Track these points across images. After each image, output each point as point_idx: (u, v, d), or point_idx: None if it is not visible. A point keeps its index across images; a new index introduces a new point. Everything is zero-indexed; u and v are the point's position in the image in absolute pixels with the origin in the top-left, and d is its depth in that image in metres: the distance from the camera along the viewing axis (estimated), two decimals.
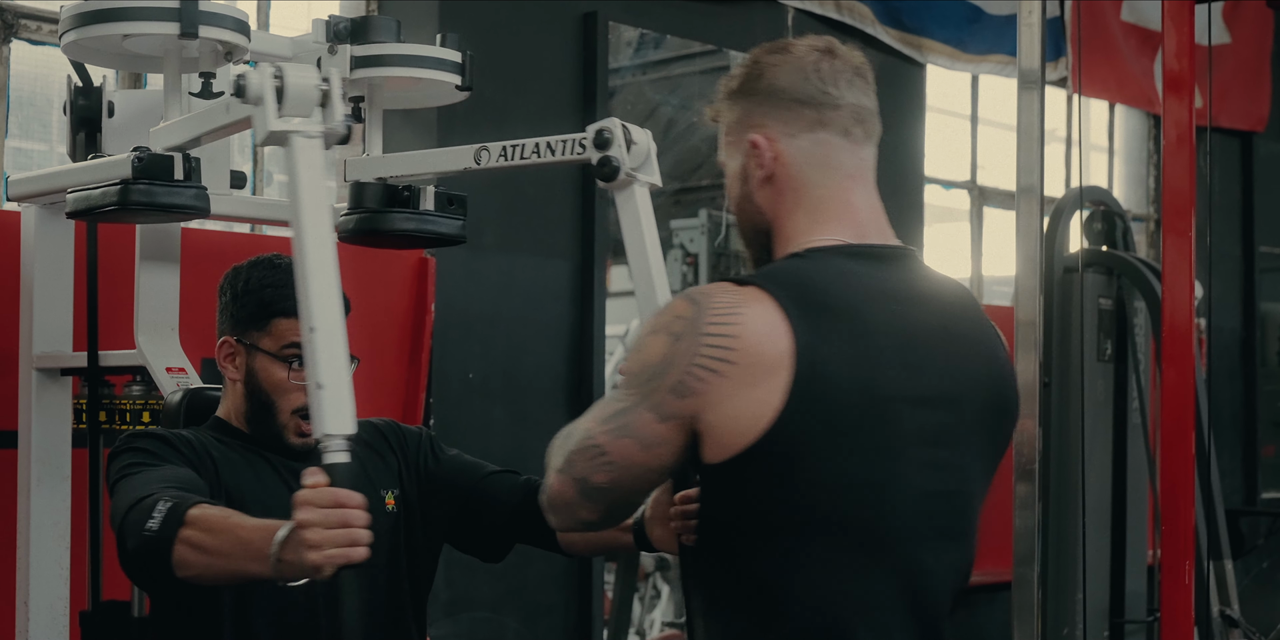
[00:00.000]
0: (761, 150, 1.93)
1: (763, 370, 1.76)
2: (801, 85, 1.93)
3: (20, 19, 4.02)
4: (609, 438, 1.82)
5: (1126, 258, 5.20)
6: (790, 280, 1.82)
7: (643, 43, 5.78)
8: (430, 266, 4.24)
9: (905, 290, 1.90)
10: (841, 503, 1.80)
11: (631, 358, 1.85)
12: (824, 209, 1.93)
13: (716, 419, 1.78)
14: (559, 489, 1.87)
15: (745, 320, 1.77)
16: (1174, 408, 3.43)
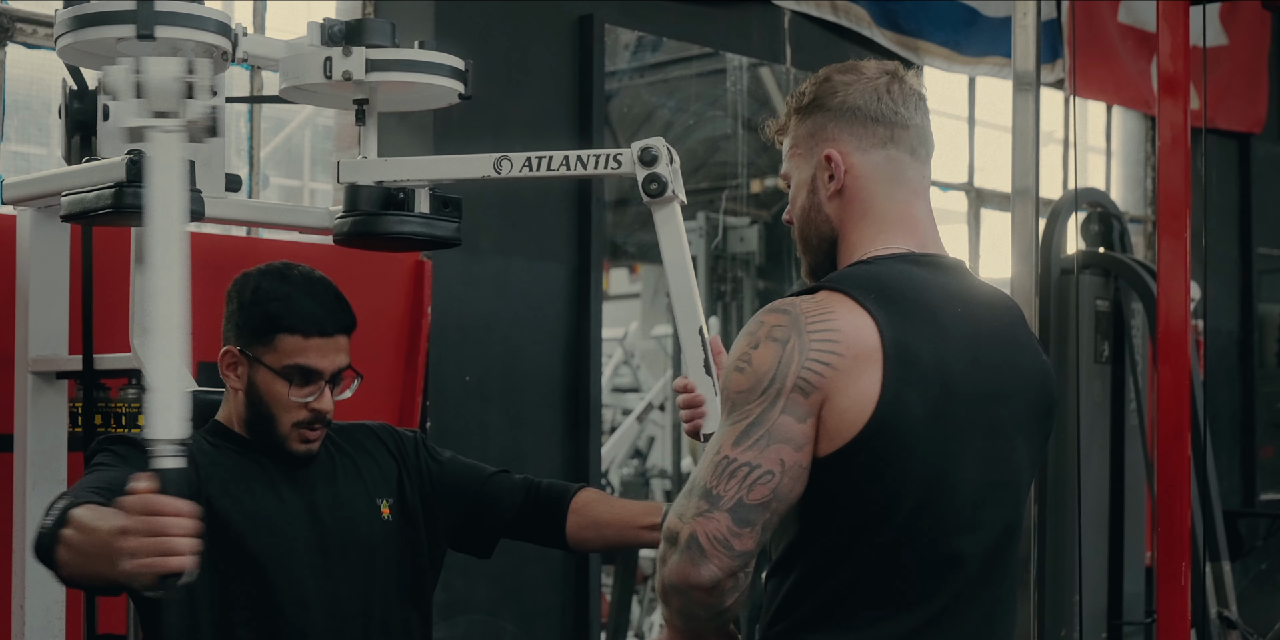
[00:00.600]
0: (836, 163, 2.05)
1: (864, 362, 1.88)
2: (875, 104, 2.06)
3: (16, 22, 4.02)
4: (756, 452, 1.87)
5: (1123, 259, 5.20)
6: (864, 283, 1.94)
7: (640, 45, 5.78)
8: (427, 269, 4.23)
9: (966, 295, 2.03)
10: (926, 488, 1.92)
11: (735, 377, 1.91)
12: (889, 221, 2.05)
13: (829, 413, 1.88)
14: (710, 530, 1.86)
15: (839, 315, 1.89)
16: (1170, 409, 3.43)
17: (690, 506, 1.88)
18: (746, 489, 1.86)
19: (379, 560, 2.51)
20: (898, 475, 1.90)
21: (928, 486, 1.92)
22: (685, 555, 1.86)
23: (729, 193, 6.33)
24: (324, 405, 2.46)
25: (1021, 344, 2.08)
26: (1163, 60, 3.50)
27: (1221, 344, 8.10)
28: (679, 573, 1.87)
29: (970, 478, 1.95)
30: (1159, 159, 3.52)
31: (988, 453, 1.97)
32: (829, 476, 1.91)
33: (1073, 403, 4.89)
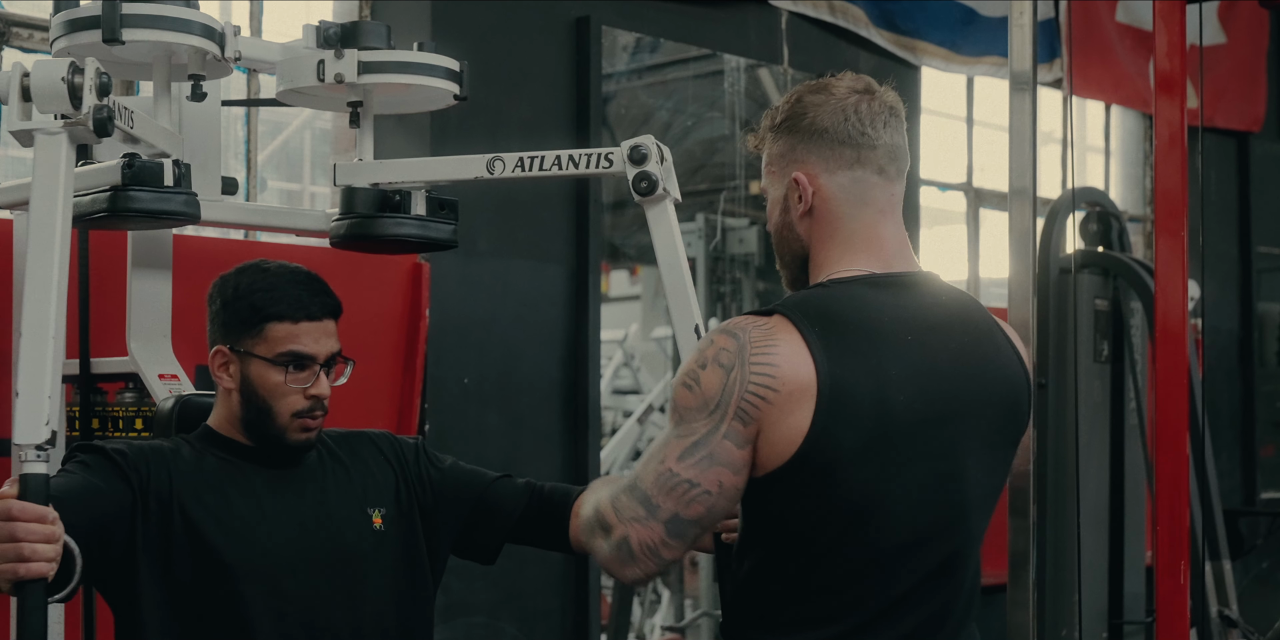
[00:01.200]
0: (804, 186, 2.12)
1: (796, 397, 1.95)
2: (842, 126, 2.11)
3: (12, 26, 4.02)
4: (698, 471, 1.96)
5: (1121, 258, 5.19)
6: (813, 311, 2.00)
7: (639, 47, 5.78)
8: (424, 271, 4.23)
9: (923, 317, 2.08)
10: (855, 513, 1.99)
11: (684, 394, 1.99)
12: (855, 241, 2.11)
13: (763, 442, 1.97)
14: (644, 537, 1.98)
15: (779, 351, 1.96)
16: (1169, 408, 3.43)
17: (628, 508, 1.99)
18: (684, 505, 1.97)
19: (370, 570, 2.49)
20: (822, 503, 1.97)
21: (855, 513, 1.99)
22: (615, 553, 2.01)
23: (727, 194, 6.33)
24: (321, 390, 2.45)
25: (985, 358, 2.12)
26: (1159, 59, 3.49)
27: (1221, 343, 8.09)
28: (606, 564, 2.05)
29: (910, 501, 2.01)
30: (1156, 158, 3.51)
31: (938, 474, 2.03)
32: (761, 496, 2.00)
33: (1072, 402, 4.89)
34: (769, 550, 2.04)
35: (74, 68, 2.13)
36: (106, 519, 2.30)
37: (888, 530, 2.01)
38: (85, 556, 2.23)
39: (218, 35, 2.65)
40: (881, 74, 6.83)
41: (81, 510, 2.23)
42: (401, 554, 2.54)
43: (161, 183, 2.51)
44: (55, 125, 2.08)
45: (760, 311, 2.03)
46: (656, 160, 2.70)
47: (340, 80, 2.70)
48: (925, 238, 6.50)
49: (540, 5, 5.08)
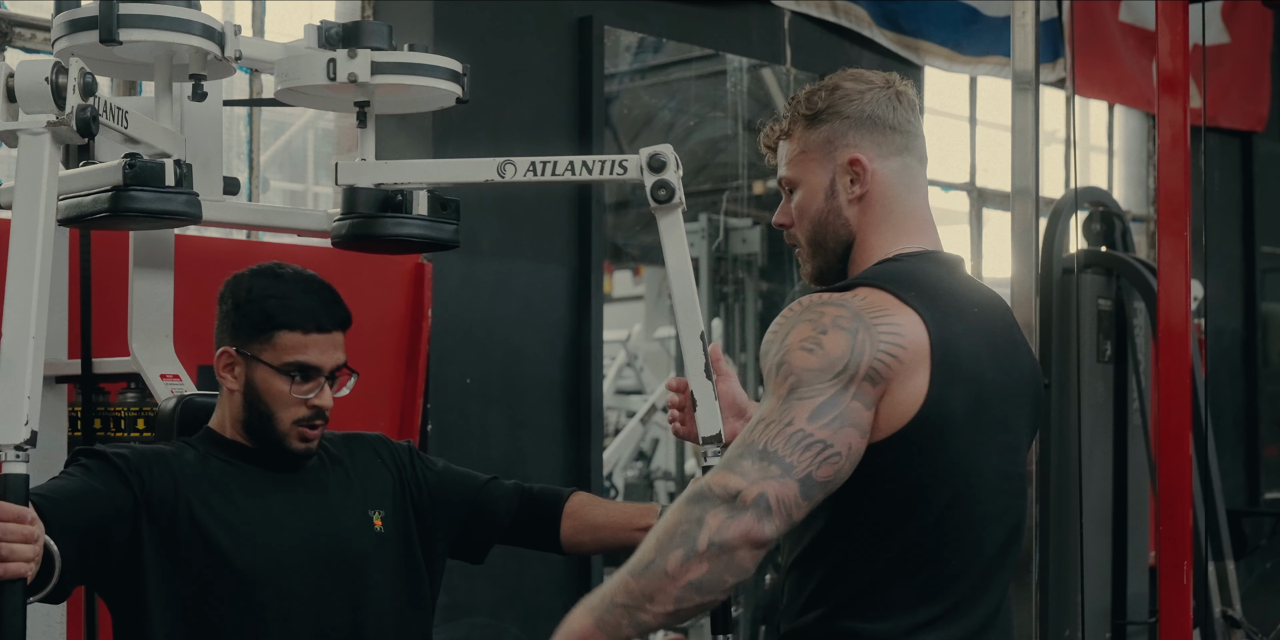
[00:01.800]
0: (864, 168, 2.11)
1: (919, 359, 1.94)
2: (891, 114, 2.14)
3: (14, 27, 4.02)
4: (830, 431, 1.90)
5: (1125, 258, 5.19)
6: (901, 280, 2.01)
7: (642, 47, 5.78)
8: (427, 272, 4.23)
9: (977, 293, 2.13)
10: (962, 479, 2.00)
11: (805, 357, 1.93)
12: (908, 224, 2.14)
13: (885, 404, 1.94)
14: (781, 493, 1.88)
15: (896, 314, 1.96)
16: (1172, 408, 3.43)
17: (756, 470, 1.88)
18: (818, 465, 1.89)
19: (371, 571, 2.50)
20: (934, 468, 1.97)
21: (961, 479, 1.99)
22: (753, 512, 1.86)
23: (730, 194, 6.33)
24: (324, 401, 2.45)
25: (1020, 341, 2.17)
26: (1162, 59, 3.49)
27: (1225, 343, 8.09)
28: (741, 529, 1.85)
29: (994, 469, 2.03)
30: (1159, 158, 3.51)
31: (1004, 445, 2.06)
32: (878, 463, 1.95)
33: (1075, 402, 4.88)
34: (868, 526, 2.00)
35: (58, 68, 2.13)
36: (104, 521, 2.30)
37: (986, 499, 2.02)
38: (81, 558, 2.24)
39: (217, 35, 2.65)
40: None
41: (75, 512, 2.24)
42: (401, 555, 2.55)
43: (163, 183, 2.51)
44: (39, 125, 2.07)
45: (837, 288, 2.02)
46: (674, 168, 2.71)
47: (353, 80, 2.70)
48: None
49: (542, 5, 5.08)
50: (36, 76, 2.08)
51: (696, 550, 1.86)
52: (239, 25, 2.70)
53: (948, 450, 1.97)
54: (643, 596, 1.88)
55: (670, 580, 1.87)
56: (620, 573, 1.92)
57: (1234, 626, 4.66)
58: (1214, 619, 4.57)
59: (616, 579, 1.92)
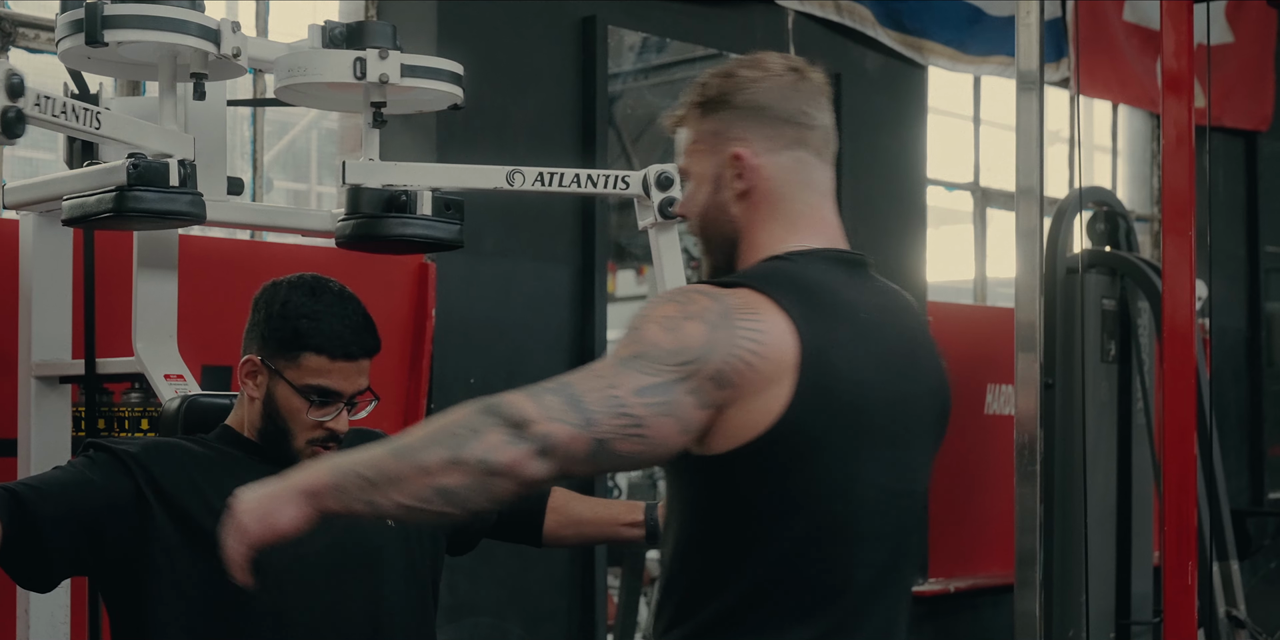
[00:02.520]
0: (746, 163, 1.98)
1: (782, 368, 1.81)
2: (783, 104, 1.98)
3: (18, 27, 4.02)
4: (649, 412, 1.79)
5: (1129, 258, 5.19)
6: (785, 283, 1.88)
7: (645, 47, 5.77)
8: (430, 272, 4.24)
9: (874, 297, 1.99)
10: (833, 497, 1.87)
11: (659, 333, 1.82)
12: (799, 221, 1.99)
13: (736, 412, 1.82)
14: (569, 442, 1.76)
15: (765, 319, 1.83)
16: (1177, 408, 3.43)
17: (562, 412, 1.76)
18: (621, 435, 1.78)
19: (387, 566, 2.50)
20: (794, 486, 1.85)
21: (829, 498, 1.87)
22: (531, 447, 1.75)
23: None
24: (340, 426, 2.44)
25: (926, 347, 2.04)
26: (1166, 58, 3.49)
27: (1229, 342, 8.08)
28: (511, 457, 1.75)
29: (875, 487, 1.91)
30: (1163, 157, 3.51)
31: (892, 461, 1.94)
32: (724, 476, 1.86)
33: (1079, 402, 4.88)
34: (723, 544, 1.88)
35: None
36: (97, 513, 2.30)
37: (864, 519, 1.90)
38: (70, 549, 2.26)
39: (212, 33, 2.63)
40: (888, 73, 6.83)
41: (63, 502, 2.25)
42: (410, 551, 2.56)
43: (167, 183, 2.51)
44: None
45: (720, 283, 1.89)
46: (679, 185, 2.73)
47: (384, 81, 2.71)
48: (932, 238, 6.49)
49: (546, 5, 5.08)
50: None
51: (460, 458, 1.76)
52: (237, 22, 2.69)
53: (810, 468, 1.84)
54: (389, 480, 1.77)
55: (423, 475, 1.76)
56: (382, 447, 1.81)
57: (1238, 626, 4.66)
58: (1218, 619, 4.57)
59: (375, 451, 1.81)
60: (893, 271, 6.14)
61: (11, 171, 4.13)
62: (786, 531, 1.86)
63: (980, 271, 7.02)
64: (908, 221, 6.28)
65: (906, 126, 6.29)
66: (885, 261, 6.12)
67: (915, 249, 6.30)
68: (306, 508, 1.82)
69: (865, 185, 5.98)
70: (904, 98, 6.29)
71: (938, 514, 6.25)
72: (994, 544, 6.25)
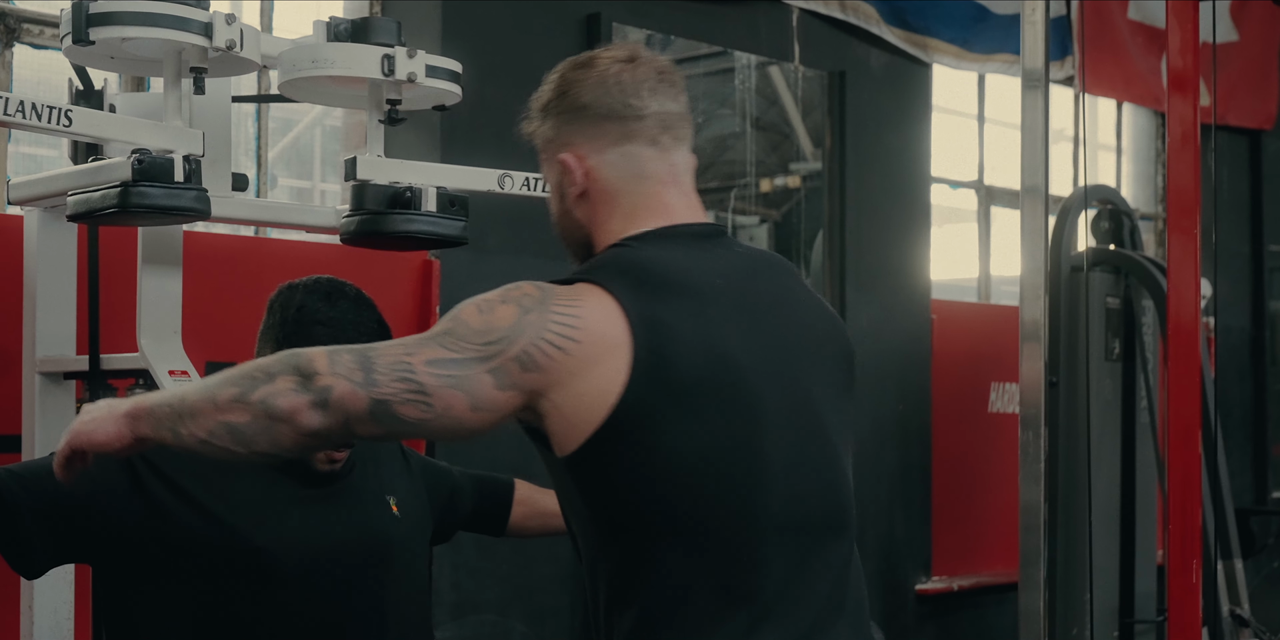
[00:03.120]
0: (572, 169, 2.00)
1: (604, 350, 1.81)
2: (604, 99, 1.99)
3: (22, 23, 4.01)
4: (437, 382, 1.81)
5: (1133, 256, 5.19)
6: (615, 268, 1.89)
7: (649, 44, 5.77)
8: (434, 269, 4.23)
9: (725, 262, 1.97)
10: (708, 469, 1.83)
11: (472, 312, 1.86)
12: (637, 211, 1.99)
13: (564, 399, 1.82)
14: (346, 397, 1.80)
15: (586, 304, 1.84)
16: (1181, 407, 3.42)
17: (349, 371, 1.81)
18: (402, 399, 1.80)
19: (395, 556, 2.52)
20: (662, 466, 1.82)
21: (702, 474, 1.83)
22: (311, 397, 1.80)
23: (738, 191, 6.32)
24: None
25: (802, 301, 2.01)
26: (1172, 56, 3.49)
27: (1233, 341, 8.07)
28: (291, 404, 1.80)
29: (774, 448, 1.87)
30: (1169, 156, 3.51)
31: (790, 419, 1.89)
32: (593, 471, 1.85)
33: (1083, 400, 4.88)
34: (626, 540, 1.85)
35: None
36: (85, 501, 2.30)
37: (758, 486, 1.85)
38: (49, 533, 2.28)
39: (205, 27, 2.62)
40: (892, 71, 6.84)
41: (43, 489, 2.26)
42: (414, 541, 2.58)
43: (171, 179, 2.51)
44: None
45: (557, 280, 1.91)
46: None
47: (412, 79, 2.71)
48: (936, 236, 6.49)
49: (550, 2, 5.08)
50: None
51: (247, 398, 1.82)
52: (232, 14, 2.68)
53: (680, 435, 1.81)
54: (188, 412, 1.85)
55: (214, 410, 1.83)
56: (199, 382, 1.92)
57: (1242, 625, 4.66)
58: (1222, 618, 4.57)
59: (191, 385, 1.92)
60: (896, 269, 6.14)
61: (14, 168, 4.13)
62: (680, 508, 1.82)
63: (984, 270, 7.01)
64: (912, 219, 6.27)
65: (911, 124, 6.28)
66: (889, 259, 6.12)
67: (919, 247, 6.29)
68: (125, 429, 1.91)
69: (869, 183, 5.98)
70: (908, 96, 6.29)
71: (941, 512, 6.26)
72: (997, 542, 6.24)
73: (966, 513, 6.36)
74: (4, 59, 3.99)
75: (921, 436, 6.15)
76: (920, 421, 6.13)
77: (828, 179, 5.92)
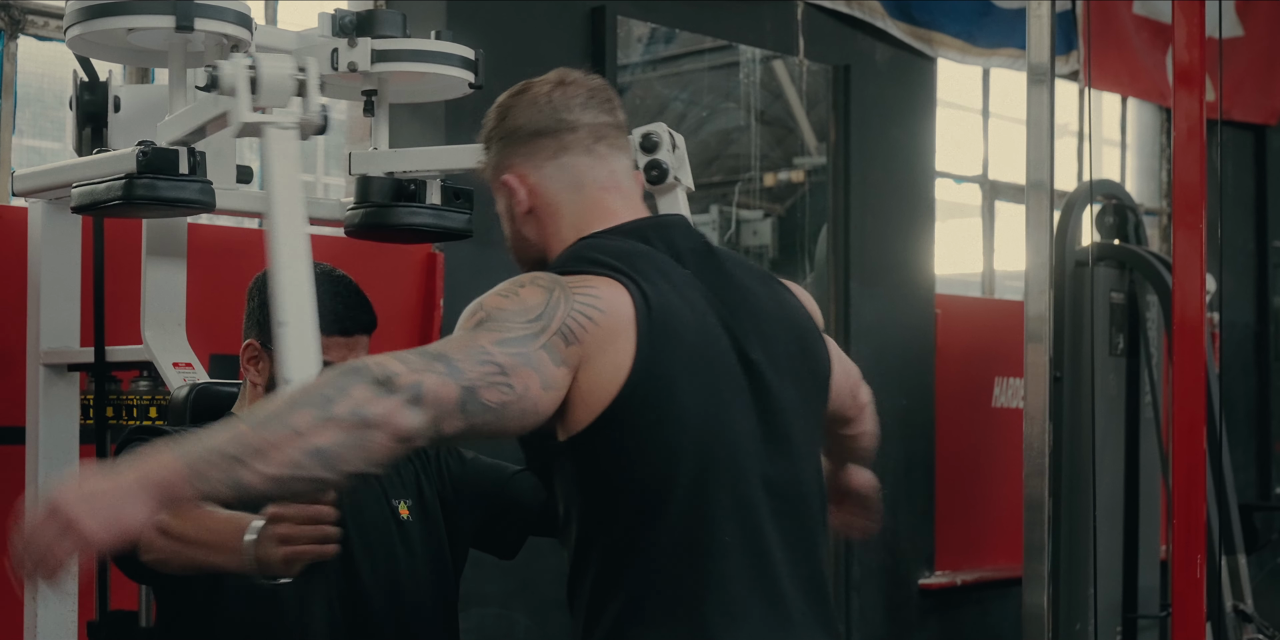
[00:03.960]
0: (514, 188, 2.05)
1: (621, 325, 1.84)
2: (537, 118, 2.06)
3: (27, 15, 4.01)
4: (512, 361, 1.79)
5: (1138, 251, 5.18)
6: (588, 255, 1.93)
7: (654, 38, 5.77)
8: (439, 261, 4.23)
9: (689, 247, 2.01)
10: (707, 441, 1.87)
11: (499, 300, 1.85)
12: (583, 220, 2.03)
13: (585, 374, 1.84)
14: (437, 387, 1.73)
15: (599, 283, 1.88)
16: (1185, 402, 3.42)
17: (427, 365, 1.74)
18: (487, 383, 1.76)
19: (401, 560, 2.50)
20: (668, 439, 1.85)
21: (702, 449, 1.86)
22: (402, 397, 1.70)
23: (742, 186, 6.32)
24: None
25: (755, 281, 2.05)
26: (1178, 51, 3.49)
27: (1237, 337, 8.07)
28: (385, 408, 1.69)
29: (744, 433, 1.90)
30: (1174, 151, 3.51)
31: (755, 406, 1.93)
32: (591, 453, 1.86)
33: (1088, 395, 4.88)
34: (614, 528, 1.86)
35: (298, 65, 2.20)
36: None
37: (735, 469, 1.88)
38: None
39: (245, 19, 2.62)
40: (897, 66, 6.82)
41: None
42: (428, 544, 2.55)
43: (176, 171, 2.51)
44: (291, 120, 2.16)
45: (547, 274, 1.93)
46: (668, 148, 2.69)
47: (354, 69, 2.70)
48: (940, 230, 6.48)
49: None
50: (282, 72, 2.16)
51: (332, 414, 1.68)
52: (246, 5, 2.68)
53: (677, 418, 1.85)
54: (255, 452, 1.66)
55: (295, 437, 1.66)
56: (237, 424, 1.71)
57: (1246, 621, 4.66)
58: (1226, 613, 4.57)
59: (230, 429, 1.69)
60: (900, 264, 6.14)
61: (18, 160, 4.13)
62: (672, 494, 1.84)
63: (988, 265, 7.01)
64: (916, 214, 6.27)
65: (915, 119, 6.27)
66: (893, 254, 6.11)
67: (923, 242, 6.29)
68: (154, 503, 1.65)
69: (873, 178, 5.97)
70: (913, 90, 6.28)
71: (944, 507, 6.26)
72: (1000, 537, 6.24)
73: (970, 507, 6.36)
74: (9, 51, 3.99)
75: (925, 431, 6.14)
76: (924, 416, 6.13)
77: (832, 173, 5.92)
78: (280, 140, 2.15)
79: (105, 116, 2.86)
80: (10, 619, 3.12)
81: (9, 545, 1.69)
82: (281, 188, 2.13)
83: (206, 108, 2.33)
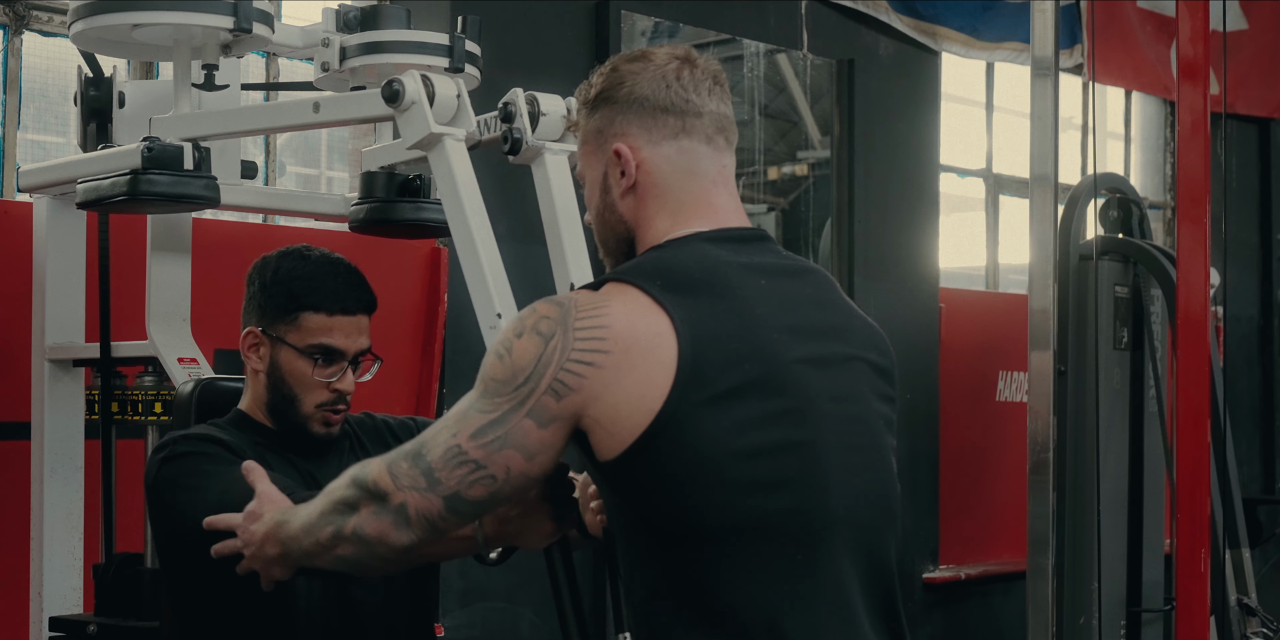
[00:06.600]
0: (626, 159, 1.94)
1: (640, 351, 1.77)
2: (665, 93, 1.95)
3: (31, 10, 4.02)
4: (486, 452, 1.82)
5: (1142, 245, 5.18)
6: (649, 269, 1.85)
7: (657, 32, 5.76)
8: (443, 256, 4.23)
9: (769, 265, 1.94)
10: (760, 469, 1.80)
11: (494, 364, 1.84)
12: (685, 210, 1.94)
13: (601, 412, 1.79)
14: (422, 507, 1.87)
15: (612, 310, 1.80)
16: (1190, 396, 3.42)
17: (408, 477, 1.87)
18: (467, 485, 1.84)
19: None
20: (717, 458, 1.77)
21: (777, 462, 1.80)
22: (393, 519, 1.89)
23: (746, 179, 6.32)
24: (346, 386, 2.45)
25: (844, 307, 2.00)
26: (1182, 45, 3.48)
27: (1242, 330, 8.07)
28: (379, 529, 1.90)
29: (831, 443, 1.84)
30: (1178, 144, 3.50)
31: (843, 415, 1.87)
32: (638, 477, 1.80)
33: (1092, 389, 4.88)
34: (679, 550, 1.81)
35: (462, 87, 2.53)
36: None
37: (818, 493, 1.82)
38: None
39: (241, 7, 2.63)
40: (901, 60, 6.81)
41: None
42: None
43: (181, 167, 2.51)
44: (462, 133, 2.50)
45: (591, 284, 1.88)
46: (524, 116, 2.65)
47: (325, 69, 2.71)
48: (944, 224, 6.48)
49: None
50: (449, 92, 2.52)
51: (343, 533, 1.94)
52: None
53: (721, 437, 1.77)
54: (305, 554, 2.01)
55: (323, 550, 1.97)
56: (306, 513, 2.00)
57: (1249, 614, 4.66)
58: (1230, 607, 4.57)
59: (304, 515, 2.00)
60: (904, 257, 6.14)
61: (22, 155, 4.13)
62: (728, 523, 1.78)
63: (992, 258, 7.01)
64: (920, 208, 6.27)
65: (919, 113, 6.27)
66: (897, 247, 6.11)
67: (928, 235, 6.29)
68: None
69: (878, 172, 5.97)
70: (917, 84, 6.27)
71: (948, 500, 6.26)
72: (1005, 531, 6.25)
73: (974, 501, 6.36)
74: (13, 46, 4.00)
75: (929, 425, 6.15)
76: (928, 410, 6.13)
77: (836, 167, 5.92)
78: (458, 150, 2.41)
79: (110, 112, 2.87)
80: (17, 563, 3.12)
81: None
82: (468, 193, 2.49)
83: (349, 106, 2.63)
